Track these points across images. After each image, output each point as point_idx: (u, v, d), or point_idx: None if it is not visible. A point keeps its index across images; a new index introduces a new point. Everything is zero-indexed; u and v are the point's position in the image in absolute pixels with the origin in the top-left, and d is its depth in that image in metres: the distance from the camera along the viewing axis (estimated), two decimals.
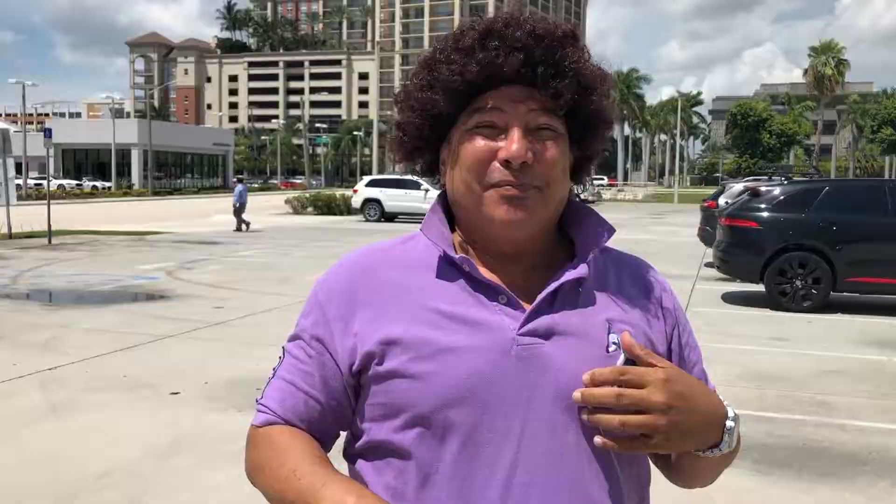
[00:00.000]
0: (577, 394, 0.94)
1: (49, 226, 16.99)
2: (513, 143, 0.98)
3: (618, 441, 0.93)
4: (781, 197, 9.93)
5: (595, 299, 1.03)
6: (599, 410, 0.94)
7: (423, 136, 1.06)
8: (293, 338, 1.09)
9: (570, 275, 1.01)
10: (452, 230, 1.08)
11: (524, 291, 1.02)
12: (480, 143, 1.00)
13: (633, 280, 1.09)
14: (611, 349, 1.00)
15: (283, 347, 1.11)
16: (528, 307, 1.00)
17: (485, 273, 1.02)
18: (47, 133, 18.53)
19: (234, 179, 24.16)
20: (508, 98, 1.00)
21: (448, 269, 1.03)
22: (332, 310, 1.05)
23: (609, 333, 1.01)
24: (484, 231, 1.03)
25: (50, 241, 16.71)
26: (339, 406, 1.05)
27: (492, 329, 0.98)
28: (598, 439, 0.94)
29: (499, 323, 0.99)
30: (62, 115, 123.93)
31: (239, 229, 20.82)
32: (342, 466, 1.07)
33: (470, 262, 1.01)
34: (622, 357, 0.98)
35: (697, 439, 0.97)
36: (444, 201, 1.09)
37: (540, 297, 1.00)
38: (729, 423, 0.99)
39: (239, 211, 21.10)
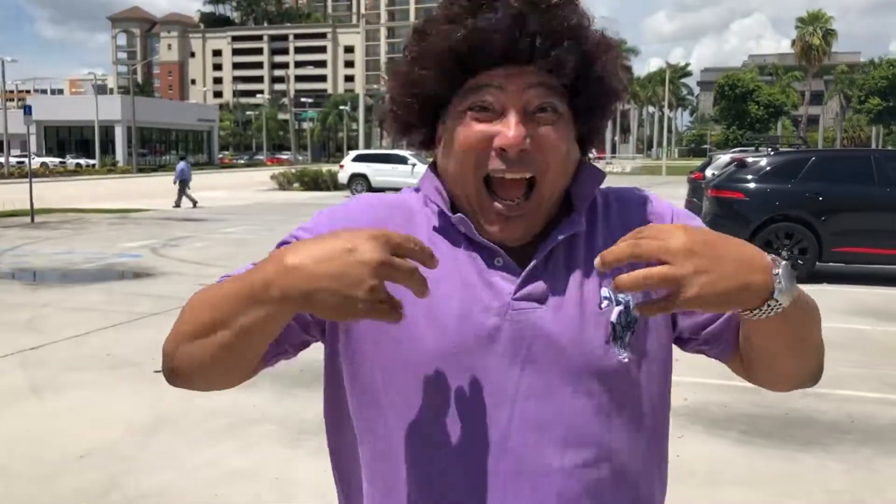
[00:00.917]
0: (597, 259, 0.84)
1: (31, 204, 16.82)
2: (509, 130, 0.92)
3: (648, 306, 0.83)
4: (768, 168, 9.92)
5: (591, 253, 0.98)
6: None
7: (415, 112, 1.00)
8: (281, 243, 1.00)
9: (563, 232, 0.98)
10: None
11: (522, 249, 0.98)
12: (474, 127, 0.94)
13: (626, 221, 1.01)
14: (603, 305, 0.97)
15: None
16: (524, 269, 0.97)
17: (481, 233, 0.98)
18: (27, 110, 18.24)
19: (179, 158, 24.03)
20: (504, 76, 0.93)
21: (447, 227, 0.99)
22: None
23: (601, 288, 0.97)
24: (477, 216, 0.98)
25: (33, 220, 16.56)
26: (298, 323, 0.98)
27: (487, 293, 0.96)
28: (635, 312, 0.85)
29: (494, 286, 0.96)
30: (44, 91, 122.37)
31: (177, 206, 20.61)
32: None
33: (466, 222, 0.97)
34: (615, 310, 0.96)
35: (736, 288, 0.81)
36: (436, 169, 1.03)
37: (534, 260, 0.97)
38: (776, 270, 0.83)
39: (182, 187, 20.97)
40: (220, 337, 0.85)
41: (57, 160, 51.61)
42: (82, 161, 52.37)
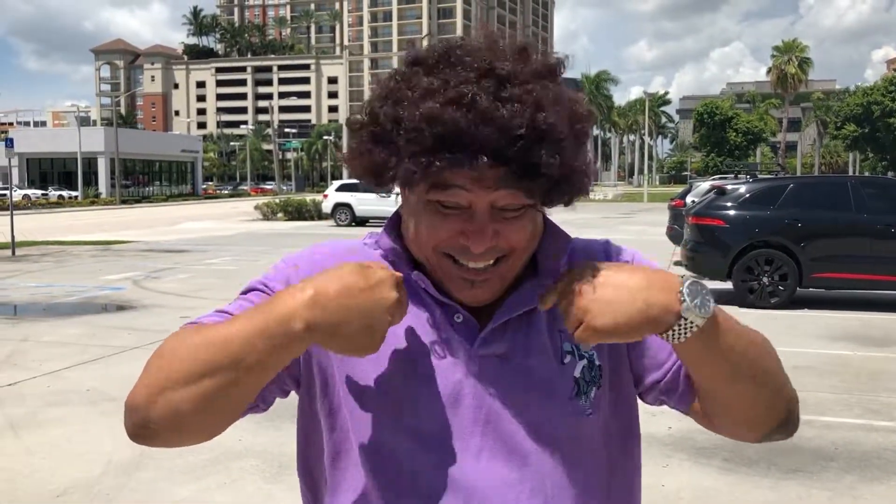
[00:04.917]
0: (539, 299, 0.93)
1: (13, 237, 16.65)
2: (477, 236, 0.89)
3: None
4: (747, 195, 10.03)
5: (552, 310, 0.96)
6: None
7: (375, 177, 0.94)
8: (249, 290, 1.00)
9: (524, 301, 0.96)
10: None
11: (483, 306, 0.97)
12: (440, 220, 0.90)
13: None
14: (566, 359, 0.97)
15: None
16: (485, 326, 0.96)
17: (440, 290, 0.97)
18: (9, 143, 18.12)
19: None
20: (473, 178, 0.86)
21: (407, 283, 0.96)
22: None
23: (562, 343, 0.97)
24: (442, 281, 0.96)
25: (14, 253, 16.38)
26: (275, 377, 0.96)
27: (447, 351, 0.95)
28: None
29: (454, 344, 0.95)
30: (27, 124, 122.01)
31: None
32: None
33: (425, 279, 0.96)
34: (579, 365, 0.96)
35: (637, 311, 0.81)
36: (395, 225, 1.01)
37: (494, 321, 0.96)
38: (681, 287, 0.82)
39: None
40: (217, 380, 0.82)
41: (39, 192, 51.25)
42: (65, 193, 52.03)
